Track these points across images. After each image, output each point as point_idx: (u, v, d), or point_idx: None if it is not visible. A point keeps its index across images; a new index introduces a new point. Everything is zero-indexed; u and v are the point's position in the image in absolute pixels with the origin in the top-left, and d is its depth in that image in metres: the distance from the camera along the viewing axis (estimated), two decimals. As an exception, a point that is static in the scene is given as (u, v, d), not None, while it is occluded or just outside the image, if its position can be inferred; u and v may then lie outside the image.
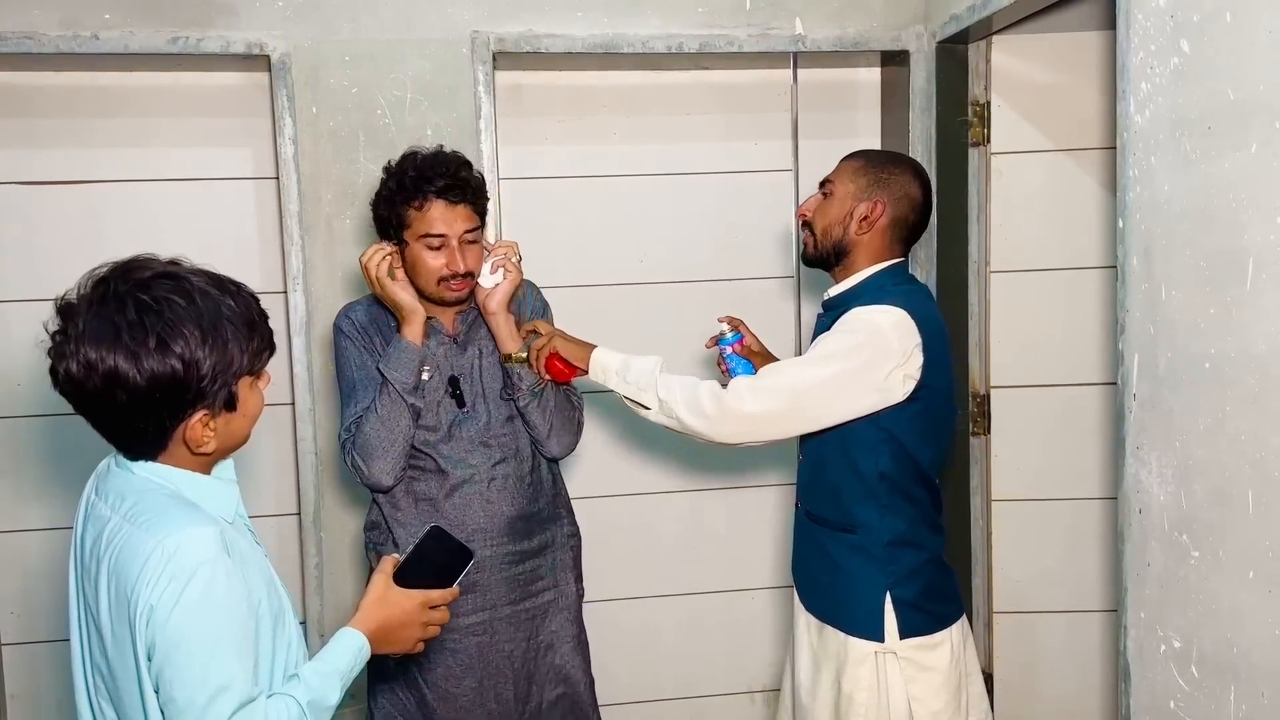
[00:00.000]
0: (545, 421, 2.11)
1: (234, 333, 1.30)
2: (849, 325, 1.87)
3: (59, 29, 2.46)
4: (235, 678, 1.25)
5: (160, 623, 1.23)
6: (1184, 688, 1.73)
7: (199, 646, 1.24)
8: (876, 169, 1.99)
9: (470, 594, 2.07)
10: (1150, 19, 1.75)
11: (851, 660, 1.95)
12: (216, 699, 1.24)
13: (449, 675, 2.09)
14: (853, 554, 1.96)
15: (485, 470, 2.09)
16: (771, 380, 1.88)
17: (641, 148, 2.87)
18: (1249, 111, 1.52)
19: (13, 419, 2.67)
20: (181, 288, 1.28)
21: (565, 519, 2.24)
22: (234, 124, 2.69)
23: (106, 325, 1.24)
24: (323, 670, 1.38)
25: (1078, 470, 2.79)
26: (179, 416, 1.29)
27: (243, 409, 1.35)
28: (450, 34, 2.60)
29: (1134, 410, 1.84)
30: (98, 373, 1.24)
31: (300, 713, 1.32)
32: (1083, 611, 2.83)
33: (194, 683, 1.23)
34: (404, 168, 2.03)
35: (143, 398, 1.25)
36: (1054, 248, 2.75)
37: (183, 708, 1.24)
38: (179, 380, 1.26)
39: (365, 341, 2.09)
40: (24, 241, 2.65)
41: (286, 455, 2.76)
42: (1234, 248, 1.56)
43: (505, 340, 2.09)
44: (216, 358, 1.28)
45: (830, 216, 2.00)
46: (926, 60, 2.70)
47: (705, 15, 2.67)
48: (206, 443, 1.32)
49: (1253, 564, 1.56)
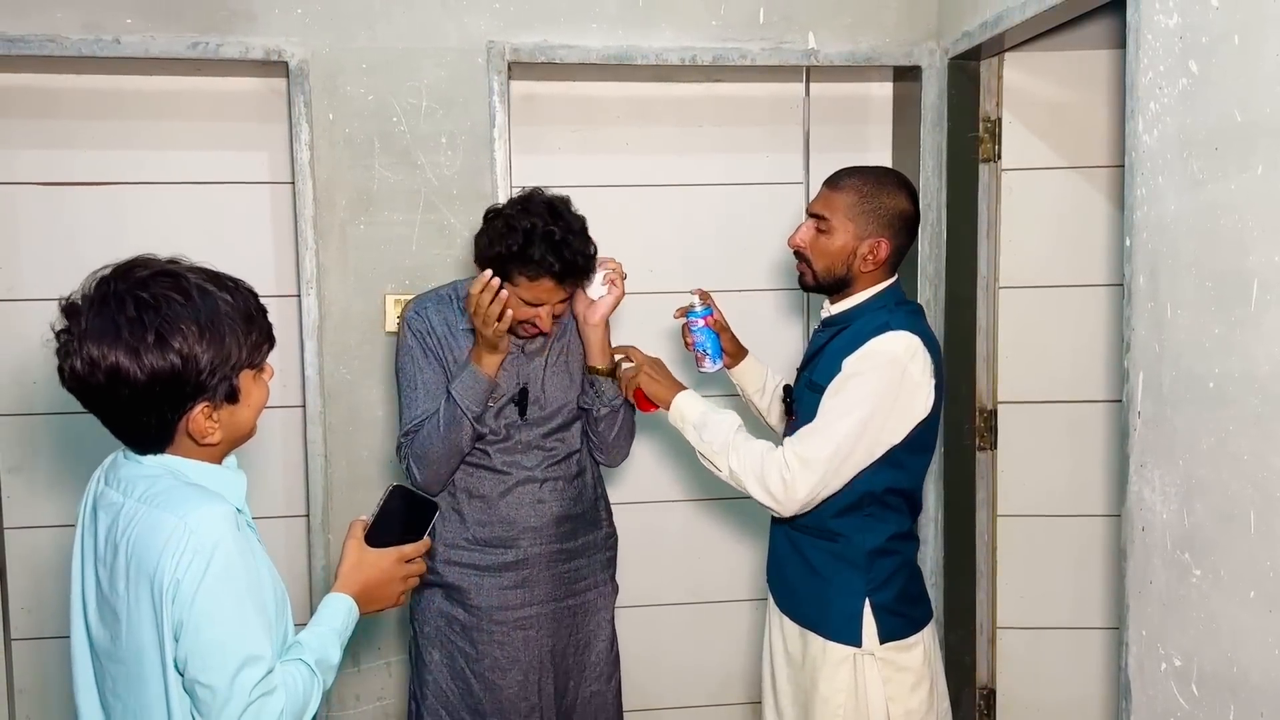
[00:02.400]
0: (613, 432, 2.19)
1: (231, 327, 1.35)
2: (869, 363, 1.87)
3: (81, 32, 2.49)
4: (260, 648, 1.31)
5: (187, 598, 1.27)
6: (1184, 706, 1.73)
7: (225, 619, 1.29)
8: (872, 202, 1.96)
9: (519, 589, 2.14)
10: (1159, 39, 1.76)
11: (830, 663, 1.97)
12: (243, 669, 1.29)
13: (495, 667, 2.14)
14: (833, 561, 1.98)
15: (539, 472, 2.15)
16: (815, 450, 1.87)
17: (653, 159, 2.89)
18: (1255, 133, 1.53)
19: (28, 416, 2.70)
20: (179, 285, 1.33)
21: (605, 521, 2.31)
22: (251, 129, 2.73)
23: (108, 323, 1.29)
24: (320, 632, 1.45)
25: (1083, 487, 2.79)
26: (181, 409, 1.33)
27: (245, 400, 1.40)
28: (466, 43, 2.62)
29: (1138, 428, 1.85)
30: (100, 369, 1.28)
31: (310, 672, 1.39)
32: (1086, 628, 2.82)
33: (222, 654, 1.28)
34: (530, 238, 1.98)
35: (144, 392, 1.29)
36: (1062, 265, 2.76)
37: (212, 680, 1.28)
38: (178, 374, 1.30)
39: (434, 344, 2.12)
40: (42, 242, 2.69)
41: (296, 458, 2.79)
42: (1239, 268, 1.57)
43: (597, 354, 2.15)
44: (214, 352, 1.32)
45: (831, 256, 1.98)
46: (938, 76, 2.71)
47: (719, 28, 2.69)
48: (211, 433, 1.36)
49: (1254, 584, 1.56)
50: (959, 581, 2.81)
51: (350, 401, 2.68)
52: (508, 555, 2.14)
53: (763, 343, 2.91)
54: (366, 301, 2.66)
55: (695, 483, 2.98)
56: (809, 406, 2.01)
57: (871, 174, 2.01)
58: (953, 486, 2.79)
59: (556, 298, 2.05)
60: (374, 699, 2.78)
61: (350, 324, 2.66)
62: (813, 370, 2.04)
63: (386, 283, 2.66)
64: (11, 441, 2.71)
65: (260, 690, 1.30)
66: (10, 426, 2.70)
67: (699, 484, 2.98)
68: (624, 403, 2.18)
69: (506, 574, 2.14)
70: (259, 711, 1.30)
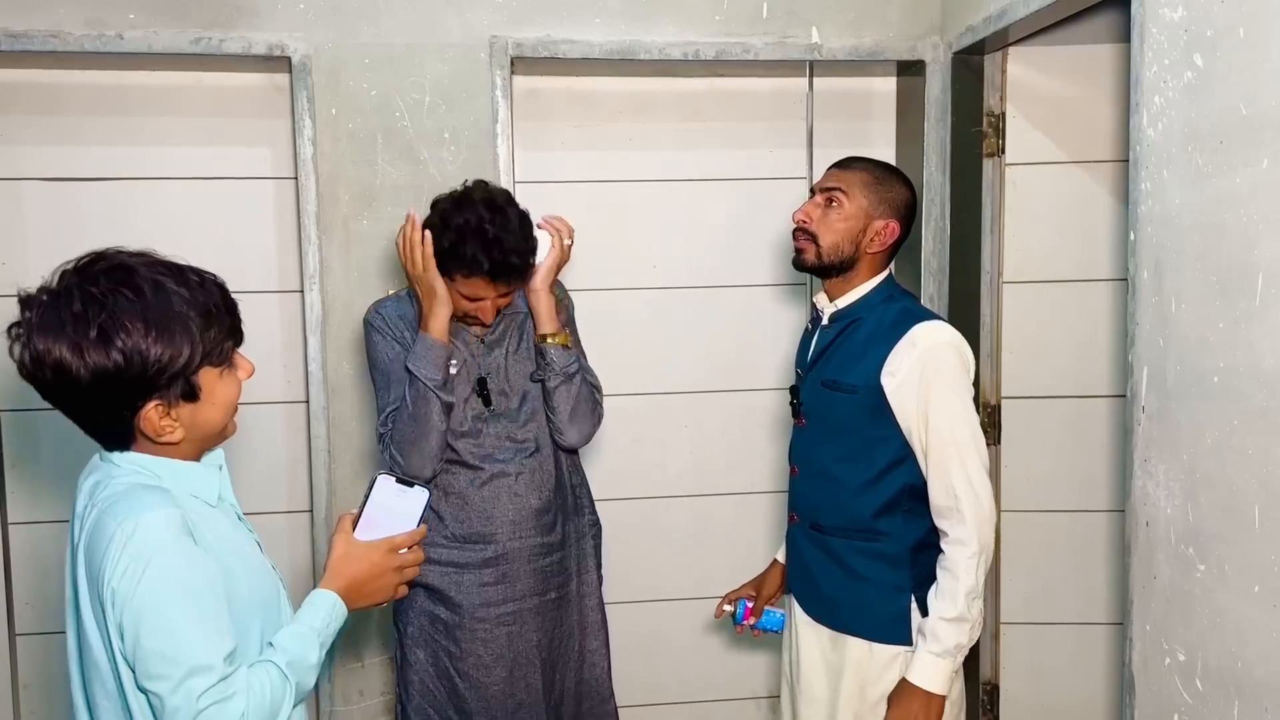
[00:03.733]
0: (569, 405, 2.13)
1: (184, 324, 1.30)
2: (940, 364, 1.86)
3: (84, 28, 2.49)
4: (206, 657, 1.26)
5: (123, 604, 1.25)
6: (1188, 701, 1.73)
7: (164, 629, 1.26)
8: (884, 185, 1.96)
9: (500, 585, 2.13)
10: (1164, 33, 1.76)
11: (877, 665, 1.94)
12: (189, 679, 1.25)
13: (480, 665, 2.13)
14: (873, 561, 1.95)
15: (514, 465, 2.14)
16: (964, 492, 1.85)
17: (656, 154, 2.88)
18: (1260, 126, 1.53)
19: (31, 411, 2.70)
20: (131, 281, 1.29)
21: (587, 509, 2.29)
22: (254, 124, 2.73)
23: (54, 318, 1.27)
24: (297, 631, 1.40)
25: (1086, 482, 2.79)
26: (131, 407, 1.30)
27: (209, 398, 1.34)
28: (469, 38, 2.62)
29: (1142, 423, 1.84)
30: (46, 365, 1.27)
31: (280, 674, 1.34)
32: (1090, 623, 2.82)
33: (163, 663, 1.25)
34: (463, 235, 1.98)
35: (90, 390, 1.27)
36: (1066, 259, 2.75)
37: (158, 688, 1.26)
38: (121, 372, 1.26)
39: (397, 335, 2.12)
40: (47, 237, 2.69)
41: (300, 453, 2.79)
42: (1244, 262, 1.56)
43: (544, 319, 2.11)
44: (162, 349, 1.28)
45: (840, 232, 1.94)
46: (942, 71, 2.71)
47: (722, 23, 2.69)
48: (168, 432, 1.32)
49: (1258, 578, 1.56)
50: (962, 577, 2.81)
51: (353, 397, 2.68)
52: (487, 551, 2.12)
53: (764, 338, 2.93)
54: (370, 297, 2.63)
55: (698, 478, 2.98)
56: (824, 406, 1.99)
57: (878, 163, 2.03)
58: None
59: (493, 294, 2.03)
60: (378, 694, 2.78)
61: (353, 319, 2.65)
62: (829, 369, 1.99)
63: (389, 278, 2.65)
64: (14, 437, 2.71)
65: (212, 698, 1.25)
66: (13, 422, 2.70)
67: (702, 479, 2.98)
68: (578, 372, 2.12)
69: (486, 570, 2.13)
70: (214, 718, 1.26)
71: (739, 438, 2.98)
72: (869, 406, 1.90)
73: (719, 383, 2.95)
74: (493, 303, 2.05)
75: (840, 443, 1.97)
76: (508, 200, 2.06)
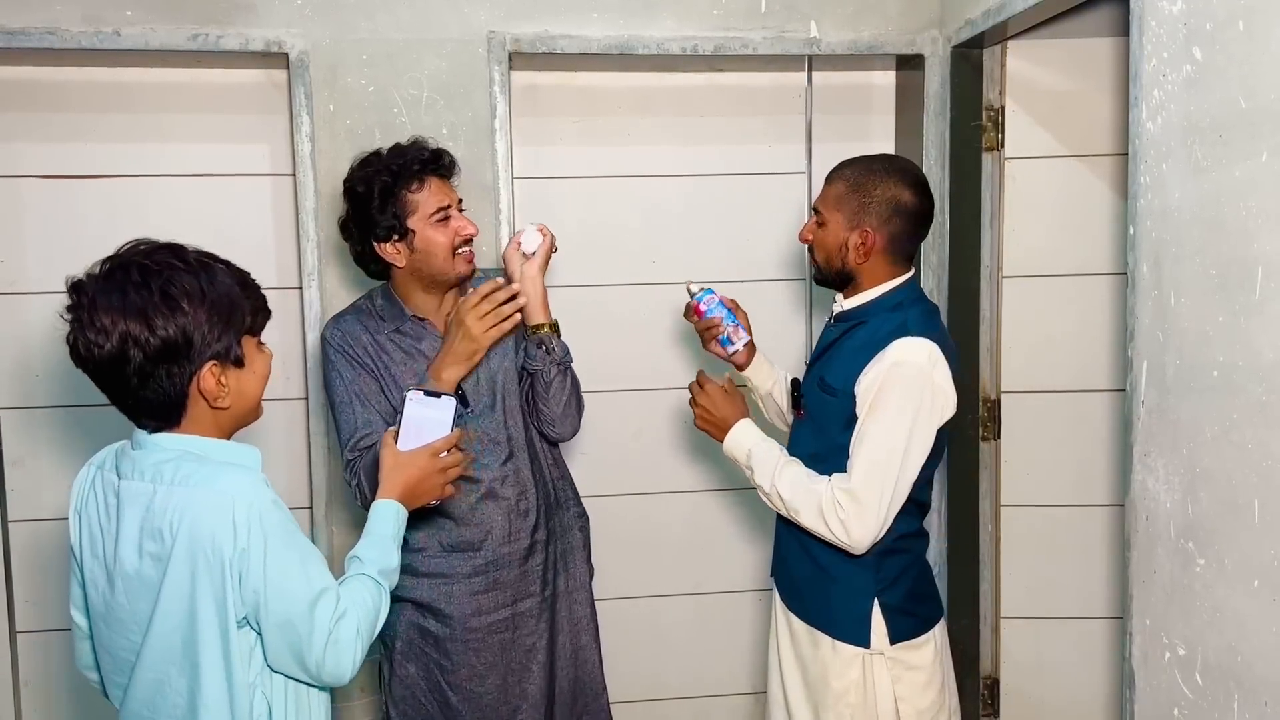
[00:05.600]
0: (564, 396, 2.12)
1: (231, 292, 1.43)
2: (895, 378, 1.84)
3: (81, 25, 2.49)
4: (324, 580, 1.44)
5: (258, 563, 1.37)
6: (1188, 695, 1.73)
7: (293, 570, 1.41)
8: (860, 192, 1.93)
9: (491, 592, 2.10)
10: (1164, 26, 1.75)
11: (839, 662, 1.96)
12: (317, 605, 1.42)
13: (474, 675, 2.10)
14: (842, 561, 1.95)
15: (496, 469, 2.11)
16: (865, 487, 1.84)
17: (655, 149, 2.88)
18: (1260, 120, 1.52)
19: (30, 409, 2.70)
20: (179, 255, 1.42)
21: (573, 501, 2.27)
22: (252, 121, 2.72)
23: (115, 291, 1.36)
24: (374, 542, 1.60)
25: (1086, 477, 2.79)
26: (192, 369, 1.40)
27: (251, 367, 1.49)
28: (466, 34, 2.61)
29: (1142, 417, 1.84)
30: (111, 337, 1.35)
31: (374, 583, 1.54)
32: (1089, 618, 2.82)
33: (297, 602, 1.41)
34: (389, 160, 2.06)
35: (155, 355, 1.36)
36: (1066, 253, 2.75)
37: (297, 626, 1.41)
38: (186, 334, 1.37)
39: (359, 353, 2.08)
40: (43, 235, 2.68)
41: (299, 449, 2.79)
42: (1243, 256, 1.56)
43: (538, 308, 2.10)
44: (219, 313, 1.40)
45: (828, 248, 1.98)
46: (941, 65, 2.70)
47: (720, 18, 2.68)
48: (222, 395, 1.43)
49: (1258, 573, 1.56)
50: (962, 572, 2.81)
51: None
52: (476, 559, 2.10)
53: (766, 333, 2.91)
54: (368, 293, 2.65)
55: (697, 474, 2.98)
56: (819, 405, 2.01)
57: (865, 163, 1.98)
58: (956, 477, 2.78)
59: (453, 196, 2.10)
60: (378, 689, 2.78)
61: (352, 316, 2.65)
62: (824, 368, 2.01)
63: (388, 274, 2.65)
64: (15, 434, 2.71)
65: (334, 617, 1.42)
66: (14, 419, 2.70)
67: (701, 475, 2.98)
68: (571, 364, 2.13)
69: (476, 579, 2.10)
70: (339, 636, 1.42)
71: (739, 433, 2.98)
72: (844, 412, 1.91)
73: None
74: (457, 210, 2.09)
75: (818, 441, 2.00)
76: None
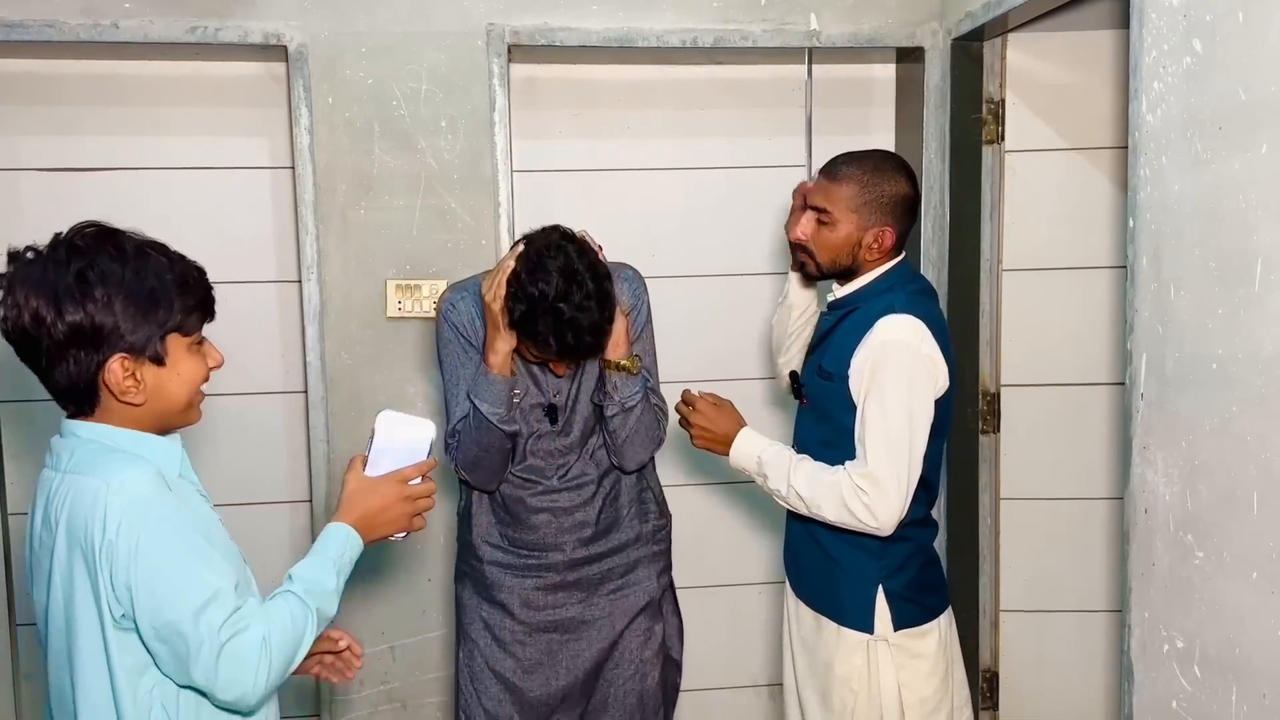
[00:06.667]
0: (625, 433, 2.06)
1: (161, 285, 1.35)
2: (885, 357, 1.86)
3: (80, 17, 2.48)
4: (215, 584, 1.31)
5: (127, 558, 1.28)
6: (1186, 688, 1.73)
7: (172, 570, 1.30)
8: (874, 191, 1.93)
9: (546, 592, 2.11)
10: (1163, 18, 1.75)
11: (844, 648, 1.98)
12: (205, 611, 1.29)
13: (519, 668, 2.12)
14: (847, 547, 1.98)
15: (562, 479, 2.10)
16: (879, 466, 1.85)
17: (655, 142, 2.88)
18: (1260, 112, 1.52)
19: (30, 402, 2.70)
20: (116, 241, 1.36)
21: (654, 514, 2.22)
22: (251, 114, 2.72)
23: (36, 269, 1.33)
24: (312, 562, 1.44)
25: (1086, 470, 2.79)
26: (97, 357, 1.33)
27: (174, 367, 1.38)
28: (465, 26, 2.61)
29: (1141, 410, 1.84)
30: (24, 314, 1.31)
31: (298, 600, 1.39)
32: (1089, 611, 2.82)
33: (178, 604, 1.29)
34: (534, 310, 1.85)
35: (62, 338, 1.31)
36: (1066, 247, 2.75)
37: (181, 630, 1.28)
38: (95, 321, 1.31)
39: (472, 338, 2.03)
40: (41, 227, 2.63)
41: (298, 443, 2.79)
42: (1243, 249, 1.56)
43: (613, 343, 2.00)
44: (137, 306, 1.33)
45: (835, 249, 1.97)
46: (941, 57, 2.69)
47: (720, 10, 2.67)
48: (130, 391, 1.34)
49: (1256, 565, 1.55)
50: (962, 565, 2.81)
51: (352, 387, 2.68)
52: (533, 560, 2.11)
53: (763, 326, 2.92)
54: (368, 287, 2.65)
55: (705, 467, 2.98)
56: (820, 393, 2.02)
57: (870, 161, 1.98)
58: (956, 470, 2.78)
59: (563, 367, 2.00)
60: (378, 683, 2.79)
61: (351, 309, 2.65)
62: (822, 356, 2.03)
63: (387, 268, 2.65)
64: (14, 427, 2.71)
65: (230, 629, 1.29)
66: (13, 413, 2.70)
67: (709, 469, 2.98)
68: (640, 403, 2.05)
69: (531, 577, 2.11)
70: (235, 649, 1.29)
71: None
72: (844, 395, 1.93)
73: (717, 371, 2.94)
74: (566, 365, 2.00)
75: (825, 428, 2.01)
76: (589, 262, 1.89)
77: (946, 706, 2.02)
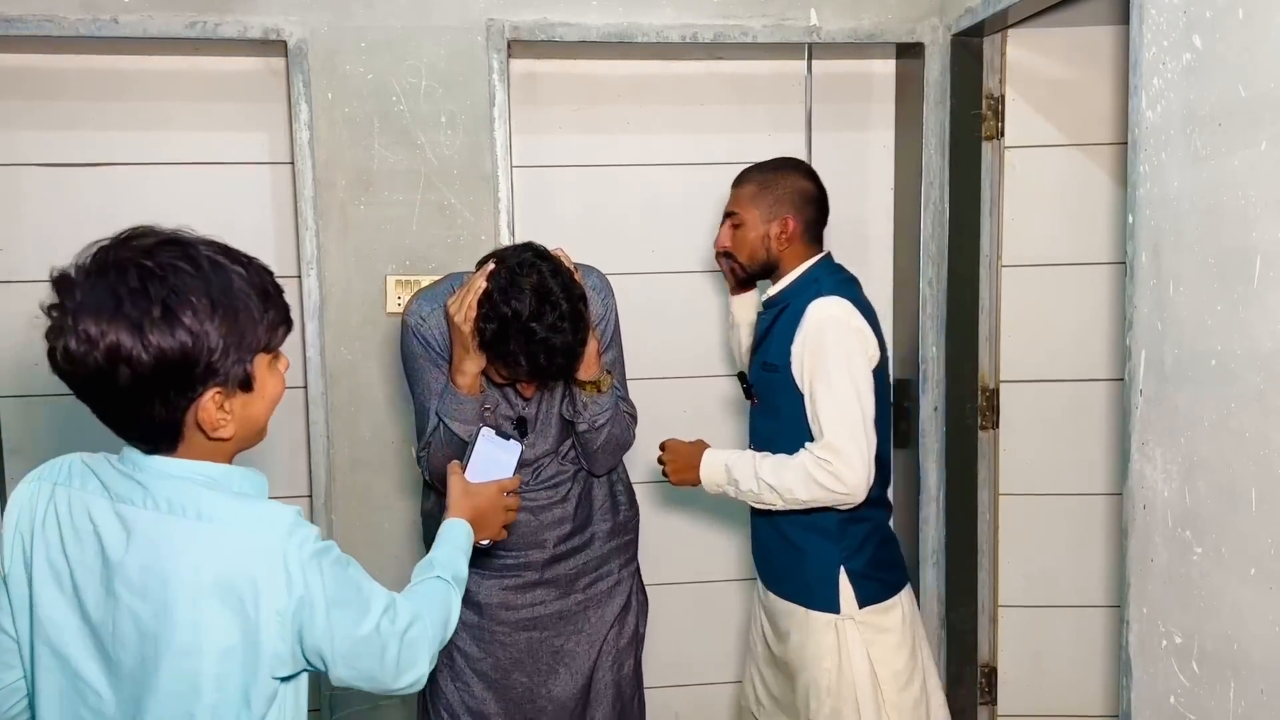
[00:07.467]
0: (596, 444, 2.08)
1: (246, 304, 1.19)
2: (817, 336, 2.01)
3: (79, 12, 2.48)
4: (380, 597, 1.34)
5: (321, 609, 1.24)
6: (1184, 683, 1.74)
7: (351, 602, 1.29)
8: (769, 187, 2.16)
9: (522, 591, 2.12)
10: (1163, 14, 1.75)
11: (814, 631, 2.10)
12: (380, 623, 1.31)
13: (498, 667, 2.11)
14: (807, 532, 2.11)
15: (534, 480, 2.10)
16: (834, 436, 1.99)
17: (654, 137, 2.87)
18: (1260, 109, 1.52)
19: (29, 398, 2.70)
20: (188, 254, 1.17)
21: (624, 507, 2.24)
22: (250, 109, 2.71)
23: (106, 295, 1.13)
24: (447, 550, 1.55)
25: (1084, 465, 2.79)
26: (190, 396, 1.18)
27: (260, 390, 1.25)
28: (465, 21, 2.61)
29: (1140, 406, 1.84)
30: (98, 349, 1.12)
31: (445, 583, 1.49)
32: (1087, 606, 2.83)
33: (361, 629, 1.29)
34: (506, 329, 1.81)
35: (149, 375, 1.14)
36: (1066, 243, 2.75)
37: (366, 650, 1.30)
38: (187, 354, 1.14)
39: (440, 350, 2.00)
40: (41, 223, 2.68)
41: (298, 439, 2.79)
42: (1242, 245, 1.56)
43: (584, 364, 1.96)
44: (228, 330, 1.17)
45: (749, 245, 2.19)
46: (941, 53, 2.69)
47: (720, 5, 2.67)
48: (222, 426, 1.21)
49: (1254, 561, 1.56)
50: (961, 560, 2.82)
51: (352, 383, 2.68)
52: (511, 559, 2.11)
53: (764, 322, 2.92)
54: (367, 282, 2.65)
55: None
56: (768, 387, 2.15)
57: (768, 164, 2.23)
58: (955, 465, 2.79)
59: (531, 389, 1.99)
60: (378, 678, 2.79)
61: (351, 305, 2.65)
62: (765, 352, 2.16)
63: (387, 263, 2.65)
64: (14, 423, 2.71)
65: (401, 625, 1.34)
66: (12, 408, 2.70)
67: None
68: (606, 423, 2.04)
69: (507, 575, 2.11)
70: (412, 641, 1.35)
71: (738, 421, 2.98)
72: (788, 383, 2.06)
73: (717, 366, 2.95)
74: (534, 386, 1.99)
75: (776, 420, 2.13)
76: (564, 282, 1.84)
77: (919, 679, 2.13)
